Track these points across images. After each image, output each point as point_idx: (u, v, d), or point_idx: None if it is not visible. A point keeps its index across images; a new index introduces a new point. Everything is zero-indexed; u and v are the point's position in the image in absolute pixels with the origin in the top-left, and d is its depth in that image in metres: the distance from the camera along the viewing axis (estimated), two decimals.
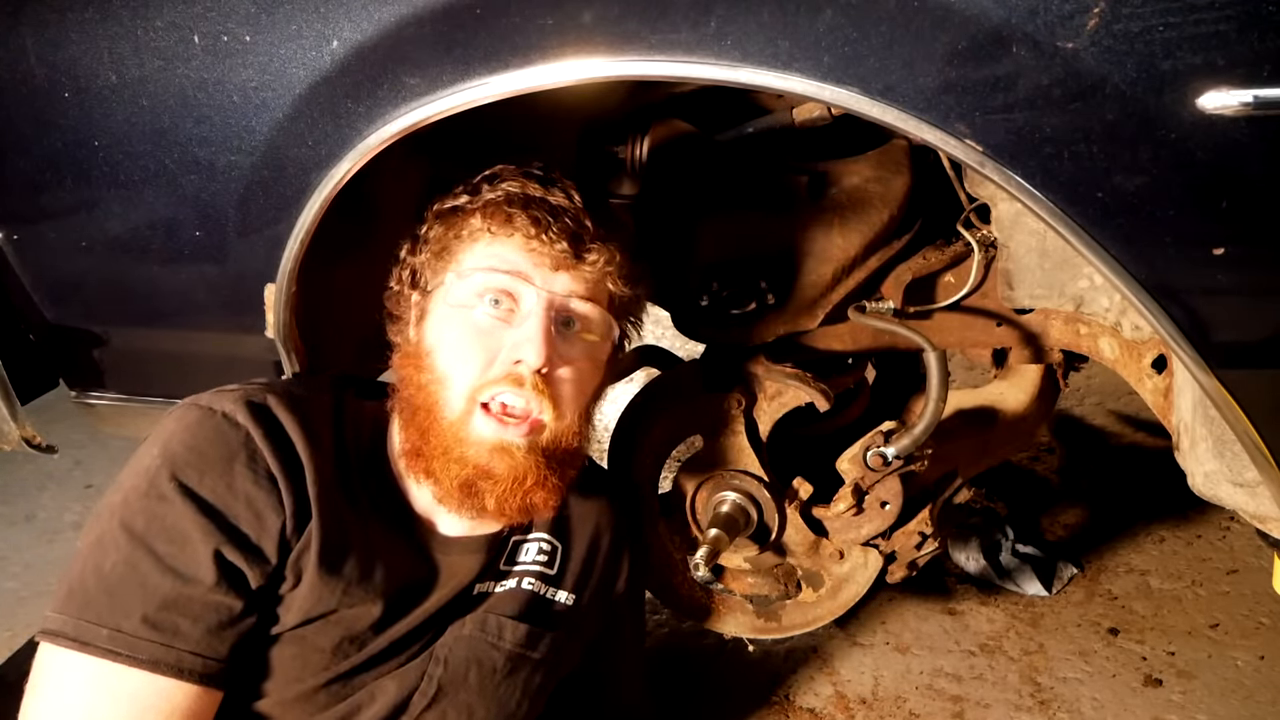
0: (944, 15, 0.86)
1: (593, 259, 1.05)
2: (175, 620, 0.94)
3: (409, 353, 1.10)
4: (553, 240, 1.02)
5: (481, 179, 1.09)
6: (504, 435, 1.02)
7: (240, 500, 0.97)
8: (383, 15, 0.99)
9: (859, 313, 1.35)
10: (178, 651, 0.94)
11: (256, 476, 0.98)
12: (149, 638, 0.93)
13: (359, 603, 1.05)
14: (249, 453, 0.99)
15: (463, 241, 1.06)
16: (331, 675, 1.05)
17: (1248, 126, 0.84)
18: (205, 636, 0.95)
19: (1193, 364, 0.97)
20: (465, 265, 1.06)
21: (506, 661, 1.16)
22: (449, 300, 1.05)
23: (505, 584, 1.20)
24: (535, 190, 1.05)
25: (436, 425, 1.04)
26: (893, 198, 1.32)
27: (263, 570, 0.98)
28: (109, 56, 1.09)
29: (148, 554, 0.95)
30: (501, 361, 1.02)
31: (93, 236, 1.24)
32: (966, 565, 2.16)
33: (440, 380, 1.04)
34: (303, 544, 1.01)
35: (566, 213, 1.05)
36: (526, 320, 1.03)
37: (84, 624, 0.93)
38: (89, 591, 0.94)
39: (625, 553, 1.35)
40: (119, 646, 0.92)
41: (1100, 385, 3.06)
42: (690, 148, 1.33)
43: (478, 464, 1.02)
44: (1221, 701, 1.76)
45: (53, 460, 2.72)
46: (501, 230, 1.04)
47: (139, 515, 0.96)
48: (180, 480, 0.96)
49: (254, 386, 1.06)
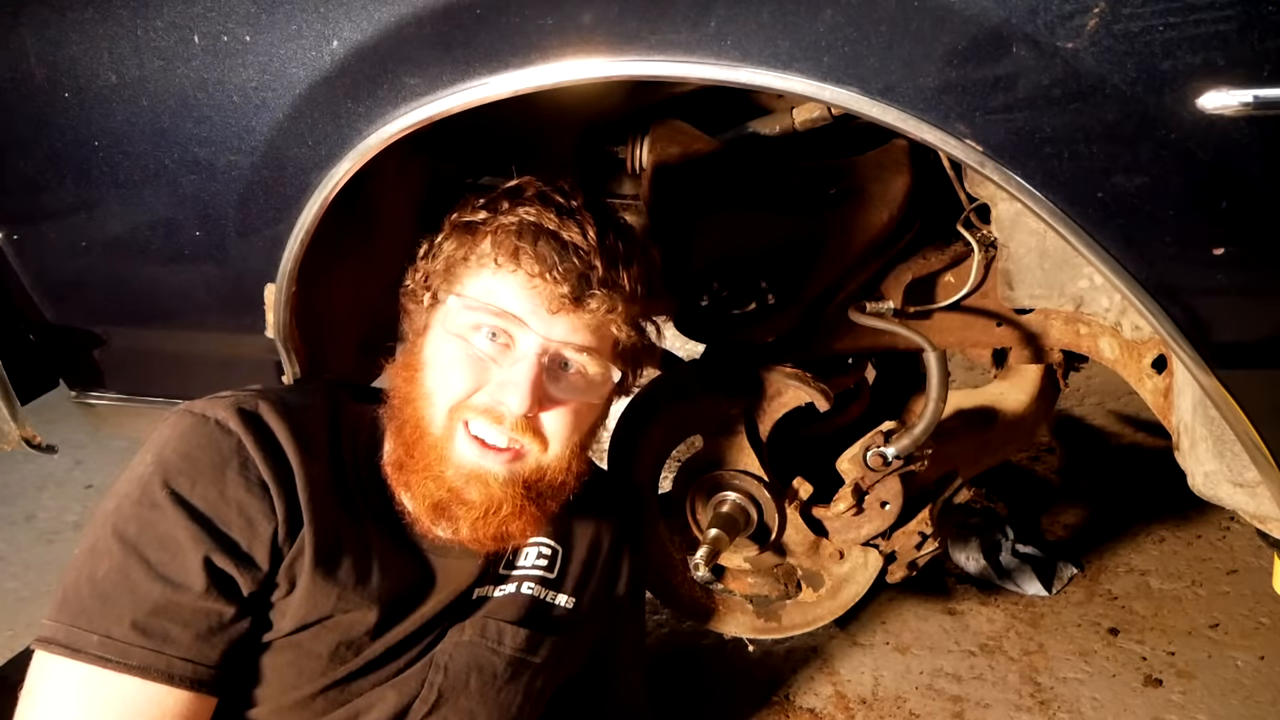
0: (944, 15, 0.86)
1: (594, 306, 1.02)
2: (165, 626, 0.94)
3: (405, 363, 1.10)
4: (556, 281, 1.00)
5: (503, 193, 1.07)
6: (483, 462, 1.02)
7: (232, 507, 0.98)
8: (383, 15, 0.98)
9: (859, 313, 1.35)
10: (168, 658, 0.94)
11: (248, 483, 0.98)
12: (139, 644, 0.93)
13: (355, 608, 1.04)
14: (241, 459, 0.99)
15: (469, 265, 1.05)
16: (329, 682, 1.05)
17: (1248, 126, 0.84)
18: (196, 642, 0.95)
19: (1193, 364, 0.97)
20: (468, 292, 1.04)
21: (507, 667, 1.15)
22: (447, 325, 1.05)
23: (505, 589, 1.19)
24: (550, 221, 1.02)
25: (422, 441, 1.04)
26: (893, 198, 1.32)
27: (254, 577, 0.98)
28: (109, 56, 1.09)
29: (139, 561, 0.95)
30: (486, 394, 1.02)
31: (93, 236, 1.24)
32: (966, 565, 2.16)
33: (425, 396, 1.05)
34: (296, 549, 1.01)
35: (577, 251, 1.01)
36: (518, 364, 1.02)
37: (76, 630, 0.93)
38: (82, 599, 0.95)
39: (626, 555, 1.34)
40: (109, 653, 0.92)
41: (1100, 385, 3.06)
42: (690, 148, 1.33)
43: (453, 487, 1.03)
44: (1221, 701, 1.76)
45: (53, 460, 2.72)
46: (507, 263, 1.02)
47: (131, 522, 0.96)
48: (172, 488, 0.97)
49: (246, 393, 1.07)
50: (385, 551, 1.09)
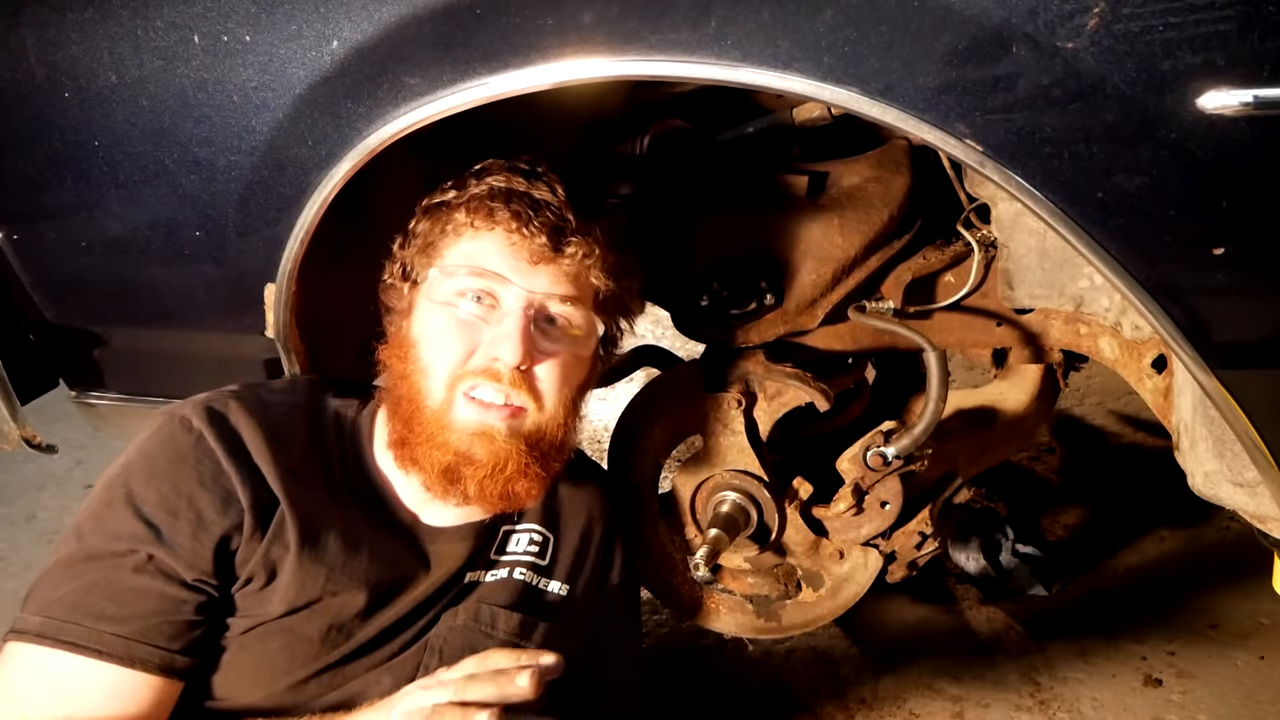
0: (944, 15, 0.86)
1: (571, 251, 1.07)
2: (100, 604, 0.97)
3: (396, 345, 1.12)
4: (533, 234, 1.05)
5: (469, 174, 1.11)
6: (485, 418, 1.05)
7: (183, 499, 1.01)
8: (383, 15, 0.99)
9: (859, 313, 1.35)
10: (99, 633, 0.96)
11: (201, 477, 1.02)
12: (74, 620, 0.96)
13: (343, 590, 1.06)
14: (198, 454, 1.03)
15: (447, 237, 1.09)
16: (321, 666, 1.06)
17: (1248, 126, 0.84)
18: (130, 619, 0.97)
19: (1193, 364, 0.97)
20: (449, 261, 1.08)
21: None
22: (432, 296, 1.08)
23: (496, 574, 1.20)
24: (519, 184, 1.08)
25: (420, 414, 1.06)
26: (893, 198, 1.32)
27: (196, 566, 1.00)
28: (109, 56, 1.09)
29: (84, 548, 1.00)
30: (481, 355, 1.05)
31: (93, 236, 1.24)
32: (966, 565, 2.16)
33: (422, 370, 1.07)
34: (273, 536, 1.03)
35: (549, 206, 1.07)
36: (505, 319, 1.06)
37: (24, 615, 0.98)
38: (36, 589, 1.00)
39: (618, 544, 1.36)
40: (47, 630, 0.96)
41: (1100, 385, 3.07)
42: (690, 148, 1.33)
43: (459, 449, 1.05)
44: (1221, 701, 1.76)
45: (53, 460, 2.71)
46: (483, 225, 1.06)
47: (89, 520, 1.02)
48: (129, 487, 1.01)
49: (220, 392, 1.10)
50: (373, 536, 1.11)
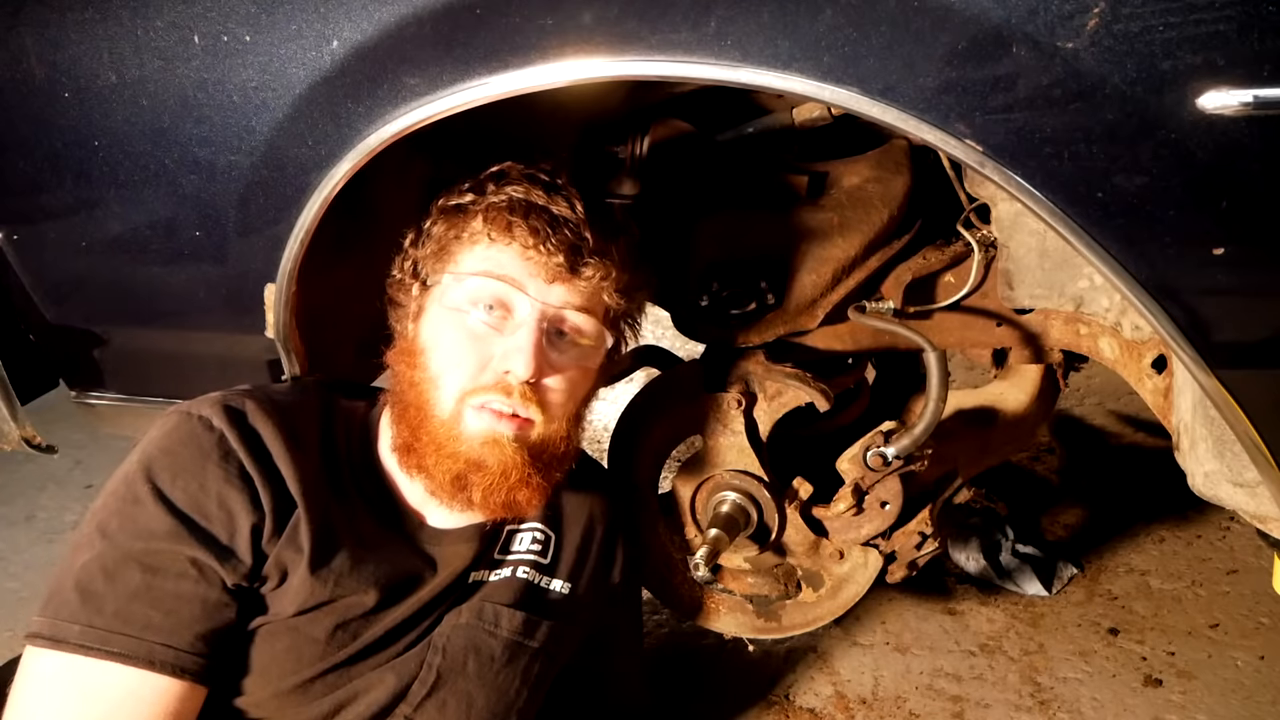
0: (944, 15, 0.86)
1: (589, 274, 1.06)
2: (147, 613, 0.95)
3: (405, 349, 1.12)
4: (550, 252, 1.03)
5: (488, 177, 1.10)
6: (496, 427, 1.04)
7: (212, 499, 0.99)
8: (383, 15, 0.98)
9: (859, 313, 1.35)
10: (149, 644, 0.94)
11: (229, 475, 1.00)
12: (120, 630, 0.94)
13: (352, 592, 1.06)
14: (222, 453, 1.01)
15: (462, 243, 1.08)
16: (327, 665, 1.06)
17: (1248, 126, 0.84)
18: (178, 629, 0.96)
19: (1193, 364, 0.97)
20: (463, 268, 1.07)
21: (504, 649, 1.16)
22: (444, 302, 1.07)
23: (500, 573, 1.21)
24: (539, 198, 1.06)
25: (428, 423, 1.06)
26: (893, 198, 1.32)
27: (235, 567, 0.99)
28: (109, 56, 1.09)
29: (119, 551, 0.97)
30: (492, 369, 1.04)
31: (93, 236, 1.24)
32: (966, 565, 2.16)
33: (432, 380, 1.06)
34: (287, 538, 1.02)
35: (567, 224, 1.05)
36: (518, 331, 1.04)
37: (58, 623, 0.94)
38: (64, 592, 0.96)
39: (620, 543, 1.36)
40: (90, 640, 0.93)
41: (1100, 385, 3.06)
42: (690, 148, 1.33)
43: (469, 458, 1.04)
44: (1221, 701, 1.76)
45: (53, 460, 2.72)
46: (501, 237, 1.05)
47: (114, 517, 0.99)
48: (154, 483, 0.99)
49: (234, 391, 1.09)
50: (381, 538, 1.11)
